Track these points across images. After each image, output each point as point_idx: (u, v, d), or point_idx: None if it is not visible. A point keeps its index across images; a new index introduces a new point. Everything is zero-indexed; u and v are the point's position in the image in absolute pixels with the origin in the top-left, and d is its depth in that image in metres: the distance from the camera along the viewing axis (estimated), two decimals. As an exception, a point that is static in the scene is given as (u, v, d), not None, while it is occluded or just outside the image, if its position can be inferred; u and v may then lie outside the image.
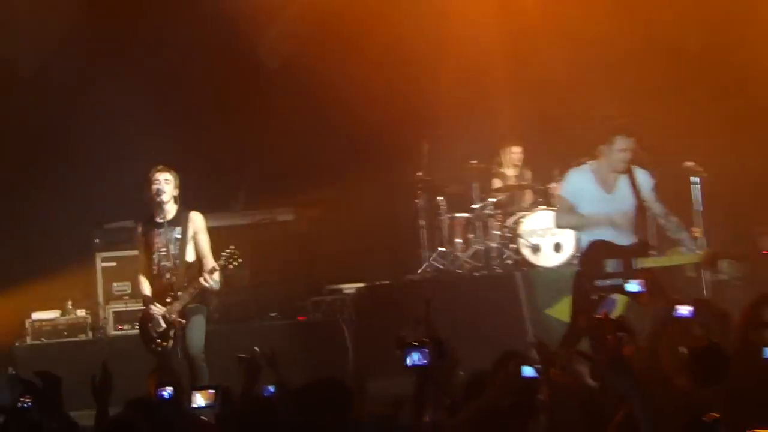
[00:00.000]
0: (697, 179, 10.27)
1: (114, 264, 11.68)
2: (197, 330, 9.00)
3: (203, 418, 5.09)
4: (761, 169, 12.28)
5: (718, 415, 3.29)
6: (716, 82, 12.91)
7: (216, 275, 8.88)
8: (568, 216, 9.07)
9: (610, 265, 8.65)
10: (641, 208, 8.86)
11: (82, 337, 11.55)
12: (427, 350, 4.46)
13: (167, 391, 5.04)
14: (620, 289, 8.29)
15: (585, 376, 4.94)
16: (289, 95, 13.20)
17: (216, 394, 5.00)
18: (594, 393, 4.62)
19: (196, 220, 9.12)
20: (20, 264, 12.00)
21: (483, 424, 4.31)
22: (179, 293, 8.94)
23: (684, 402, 4.13)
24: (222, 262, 8.94)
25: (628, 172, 8.84)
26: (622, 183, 8.86)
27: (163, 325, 8.99)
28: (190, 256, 9.07)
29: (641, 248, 8.85)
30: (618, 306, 8.51)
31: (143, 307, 9.24)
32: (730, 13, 12.73)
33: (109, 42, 12.72)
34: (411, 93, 13.00)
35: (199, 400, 5.02)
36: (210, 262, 8.97)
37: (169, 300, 8.97)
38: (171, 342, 8.97)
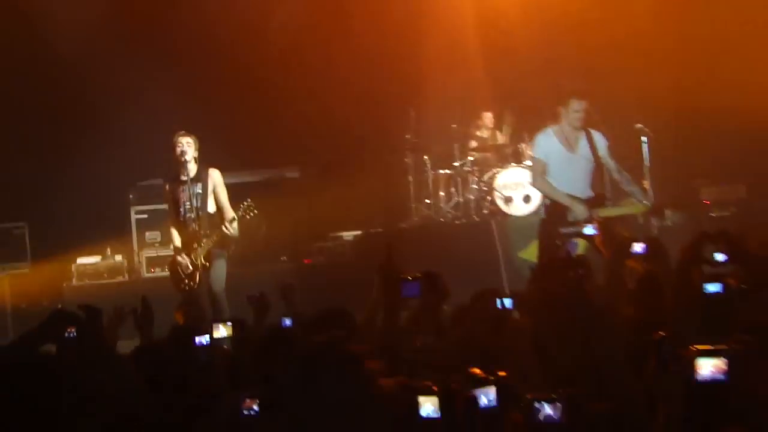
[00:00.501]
0: (646, 139, 10.32)
1: (146, 216, 11.74)
2: (219, 271, 9.08)
3: (224, 347, 5.09)
4: (700, 127, 12.34)
5: (663, 334, 3.34)
6: (661, 52, 13.02)
7: (234, 224, 8.93)
8: (542, 181, 9.00)
9: (572, 214, 8.68)
10: (599, 165, 8.91)
11: (120, 278, 11.65)
12: (419, 284, 4.47)
13: (205, 338, 4.90)
14: (580, 234, 8.37)
15: None
16: (295, 70, 13.23)
17: (234, 326, 5.00)
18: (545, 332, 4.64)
19: (215, 176, 9.15)
20: (67, 217, 12.04)
21: (465, 347, 4.36)
22: (203, 240, 9.00)
23: (633, 327, 4.19)
24: (240, 213, 8.98)
25: (587, 133, 8.89)
26: (582, 143, 8.88)
27: (190, 268, 9.08)
28: (211, 208, 9.10)
29: (598, 200, 8.91)
30: (579, 248, 8.56)
31: (173, 254, 9.32)
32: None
33: (140, 23, 12.70)
34: (400, 65, 13.05)
35: (221, 331, 5.02)
36: (229, 212, 9.01)
37: (194, 246, 9.04)
38: (196, 282, 9.08)
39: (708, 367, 2.85)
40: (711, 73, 12.49)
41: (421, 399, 2.93)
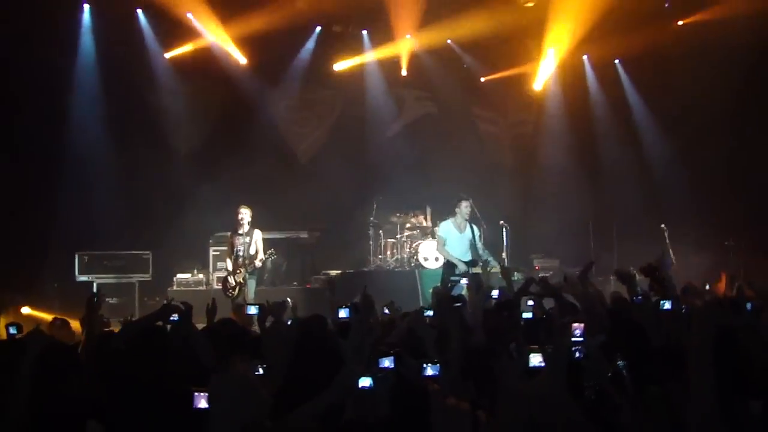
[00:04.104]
0: (504, 230, 10.34)
1: (218, 253, 11.45)
2: (250, 287, 8.89)
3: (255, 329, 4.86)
4: (535, 225, 12.56)
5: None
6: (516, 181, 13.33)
7: (262, 260, 8.92)
8: (442, 249, 9.05)
9: (458, 269, 8.67)
10: (473, 243, 8.89)
11: (200, 287, 11.29)
12: (349, 310, 4.22)
13: (255, 307, 4.57)
14: (459, 281, 8.37)
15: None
16: (311, 176, 13.23)
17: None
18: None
19: (257, 233, 9.01)
20: (173, 250, 11.75)
21: (399, 341, 4.21)
22: (242, 269, 8.83)
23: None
24: (266, 255, 8.94)
25: (470, 224, 8.90)
26: (467, 229, 8.89)
27: (234, 284, 8.89)
28: (252, 251, 8.93)
29: (474, 263, 8.82)
30: (462, 289, 8.47)
31: (225, 274, 9.15)
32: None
33: (230, 137, 12.72)
34: (372, 179, 13.03)
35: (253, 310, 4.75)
36: (261, 254, 8.91)
37: (238, 271, 8.87)
38: (237, 293, 8.85)
39: (536, 358, 2.83)
40: (540, 195, 13.10)
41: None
